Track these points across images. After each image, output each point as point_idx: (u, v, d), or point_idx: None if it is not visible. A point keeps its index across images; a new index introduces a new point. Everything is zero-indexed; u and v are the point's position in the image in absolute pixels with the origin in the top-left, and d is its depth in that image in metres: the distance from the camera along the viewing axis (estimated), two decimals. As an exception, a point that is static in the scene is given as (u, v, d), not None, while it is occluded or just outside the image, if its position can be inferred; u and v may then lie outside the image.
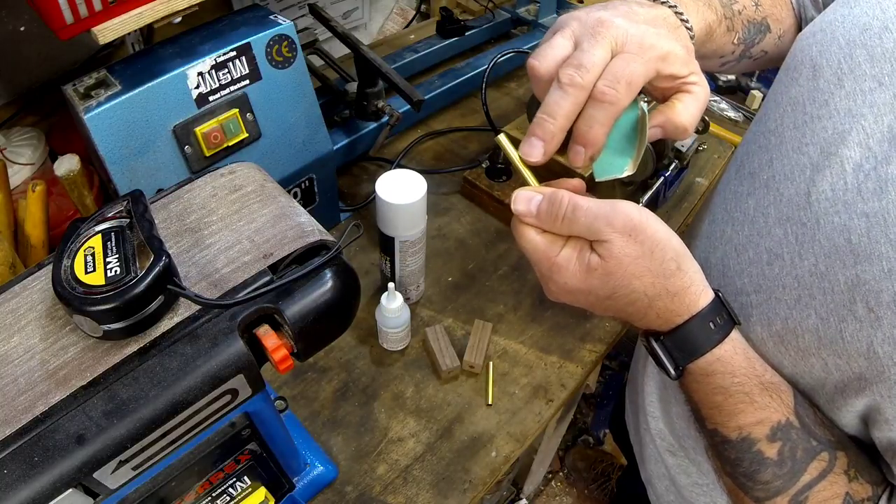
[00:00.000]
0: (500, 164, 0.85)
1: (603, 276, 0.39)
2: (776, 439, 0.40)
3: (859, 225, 0.38)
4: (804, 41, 0.47)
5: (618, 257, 0.39)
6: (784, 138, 0.45)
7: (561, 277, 0.41)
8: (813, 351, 0.40)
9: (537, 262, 0.42)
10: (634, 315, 0.42)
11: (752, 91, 1.13)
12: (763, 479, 0.41)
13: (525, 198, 0.41)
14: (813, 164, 0.42)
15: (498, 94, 1.09)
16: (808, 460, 0.40)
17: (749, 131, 0.53)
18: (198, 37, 0.60)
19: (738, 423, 0.41)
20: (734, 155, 0.55)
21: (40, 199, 0.62)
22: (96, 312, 0.31)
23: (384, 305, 0.65)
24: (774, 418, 0.41)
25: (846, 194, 0.39)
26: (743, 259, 0.47)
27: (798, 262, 0.42)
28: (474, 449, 0.63)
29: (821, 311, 0.39)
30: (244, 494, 0.45)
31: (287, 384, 0.67)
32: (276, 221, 0.39)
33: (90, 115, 0.52)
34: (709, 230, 0.52)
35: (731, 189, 0.51)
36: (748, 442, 0.41)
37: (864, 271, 0.37)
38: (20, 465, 0.29)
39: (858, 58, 0.41)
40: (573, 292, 0.42)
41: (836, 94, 0.42)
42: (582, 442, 1.63)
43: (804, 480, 0.40)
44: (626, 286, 0.40)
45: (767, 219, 0.45)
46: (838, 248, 0.39)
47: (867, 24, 0.42)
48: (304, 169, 0.72)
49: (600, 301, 0.41)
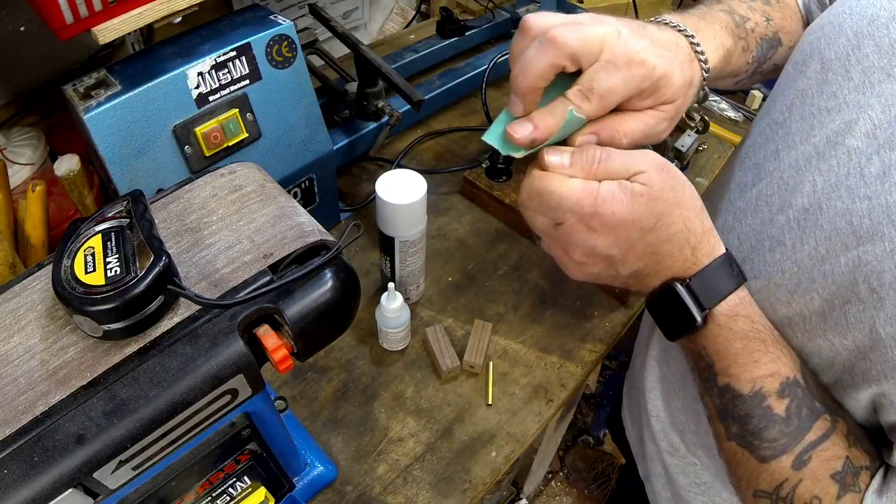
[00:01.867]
0: (500, 165, 0.85)
1: (649, 202, 0.38)
2: (784, 395, 0.41)
3: (861, 207, 0.38)
4: (812, 34, 0.47)
5: (659, 184, 0.39)
6: (791, 130, 0.46)
7: (608, 208, 0.38)
8: (819, 333, 0.41)
9: (577, 202, 0.39)
10: (669, 255, 0.40)
11: (752, 91, 1.13)
12: (770, 436, 0.41)
13: (556, 150, 0.41)
14: (819, 154, 0.42)
15: (498, 94, 1.08)
16: (813, 419, 0.40)
17: (754, 124, 0.53)
18: (198, 37, 0.60)
19: (752, 374, 0.41)
20: (738, 148, 0.55)
21: (40, 199, 0.62)
22: (96, 312, 0.31)
23: (384, 305, 0.65)
24: (784, 372, 0.41)
25: (849, 179, 0.39)
26: (745, 247, 0.47)
27: (799, 247, 0.42)
28: (474, 449, 0.63)
29: (823, 293, 0.40)
30: (244, 494, 0.45)
31: (287, 384, 0.67)
32: (276, 221, 0.39)
33: (90, 115, 0.52)
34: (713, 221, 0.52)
35: (735, 180, 0.51)
36: (759, 396, 0.41)
37: (867, 252, 0.37)
38: (20, 465, 0.29)
39: (866, 49, 0.42)
40: (617, 227, 0.39)
41: (845, 86, 0.42)
42: (582, 442, 1.63)
43: (809, 439, 0.40)
44: (669, 214, 0.39)
45: (771, 207, 0.45)
46: (839, 231, 0.39)
47: (875, 16, 0.42)
48: (304, 169, 0.72)
49: (642, 237, 0.39)
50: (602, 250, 0.40)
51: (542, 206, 0.41)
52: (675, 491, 0.66)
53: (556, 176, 0.40)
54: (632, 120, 0.41)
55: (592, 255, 0.41)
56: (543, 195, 0.40)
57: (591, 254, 0.41)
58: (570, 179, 0.39)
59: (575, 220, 0.40)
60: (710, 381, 0.44)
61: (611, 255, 0.41)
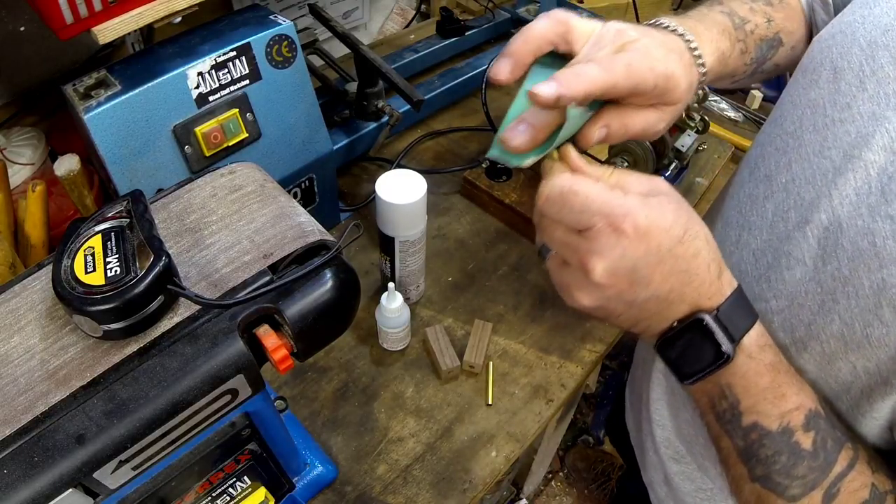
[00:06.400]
0: (500, 165, 0.85)
1: (677, 210, 0.36)
2: (810, 428, 0.39)
3: (884, 228, 0.37)
4: (823, 42, 0.46)
5: (677, 196, 0.37)
6: (803, 141, 0.45)
7: (641, 211, 0.35)
8: (840, 355, 0.40)
9: (607, 202, 0.35)
10: (696, 273, 0.37)
11: (751, 91, 1.13)
12: (799, 473, 0.39)
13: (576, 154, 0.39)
14: (835, 168, 0.41)
15: (498, 94, 1.08)
16: (838, 450, 0.39)
17: (763, 133, 0.52)
18: (198, 37, 0.60)
19: (780, 409, 0.39)
20: (746, 157, 0.54)
21: (40, 199, 0.62)
22: (96, 312, 0.31)
23: (384, 305, 0.65)
24: (807, 404, 0.40)
25: (870, 197, 0.38)
26: (761, 264, 0.46)
27: (821, 267, 0.41)
28: (474, 449, 0.63)
29: (845, 316, 0.39)
30: (244, 494, 0.45)
31: (287, 384, 0.67)
32: (276, 221, 0.39)
33: (90, 115, 0.52)
34: (722, 234, 0.52)
35: (746, 192, 0.50)
36: (788, 432, 0.39)
37: (891, 274, 0.36)
38: (20, 465, 0.29)
39: (881, 59, 0.41)
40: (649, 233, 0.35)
41: (859, 97, 0.41)
42: (582, 442, 1.63)
43: (836, 471, 0.39)
44: (692, 227, 0.37)
45: (787, 223, 0.44)
46: (862, 252, 0.38)
47: (889, 25, 0.41)
48: (304, 169, 0.72)
49: (672, 248, 0.36)
50: (628, 262, 0.36)
51: (566, 209, 0.37)
52: (678, 497, 0.65)
53: (582, 177, 0.37)
54: (636, 115, 0.41)
55: (615, 272, 0.36)
56: (568, 196, 0.36)
57: (615, 271, 0.36)
58: (597, 181, 0.37)
59: (604, 223, 0.35)
60: (734, 422, 0.41)
61: (636, 269, 0.36)
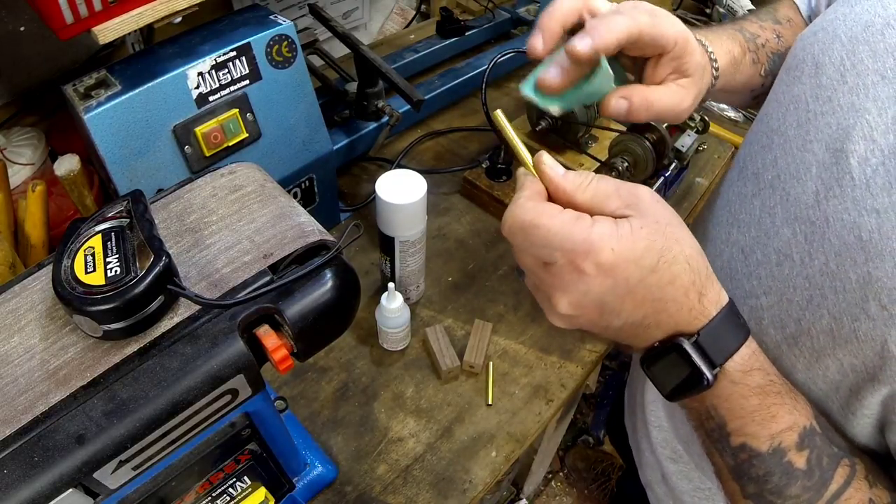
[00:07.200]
0: (500, 165, 0.85)
1: (650, 236, 0.34)
2: (804, 446, 0.38)
3: (869, 221, 0.37)
4: (805, 40, 0.47)
5: (655, 215, 0.34)
6: (788, 137, 0.45)
7: (606, 244, 0.33)
8: (828, 352, 0.40)
9: (568, 237, 0.34)
10: (672, 300, 0.35)
11: (752, 91, 1.13)
12: (792, 493, 0.38)
13: (550, 162, 0.36)
14: (819, 162, 0.42)
15: (498, 94, 1.08)
16: (834, 467, 0.38)
17: (751, 131, 0.52)
18: (198, 37, 0.60)
19: (770, 430, 0.38)
20: (736, 156, 0.54)
21: (40, 199, 0.62)
22: (96, 312, 0.31)
23: (384, 305, 0.65)
24: (801, 422, 0.38)
25: (854, 190, 0.39)
26: (751, 261, 0.46)
27: (808, 262, 0.41)
28: (474, 449, 0.63)
29: (833, 310, 0.39)
30: (244, 494, 0.45)
31: (287, 384, 0.67)
32: (276, 221, 0.39)
33: (90, 115, 0.52)
34: (713, 233, 0.52)
35: (735, 191, 0.50)
36: (780, 452, 0.38)
37: (876, 268, 0.36)
38: (20, 465, 0.29)
39: (861, 54, 0.41)
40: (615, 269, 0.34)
41: (839, 89, 0.42)
42: (582, 442, 1.63)
43: (832, 490, 0.38)
44: (670, 250, 0.34)
45: (774, 219, 0.45)
46: (849, 246, 0.38)
47: (869, 22, 0.42)
48: (304, 169, 0.72)
49: (643, 279, 0.34)
50: (594, 297, 0.35)
51: (527, 242, 0.35)
52: (676, 497, 0.65)
53: (545, 208, 0.35)
54: (659, 90, 0.44)
55: (581, 305, 0.35)
56: (528, 230, 0.34)
57: (580, 304, 0.35)
58: (561, 212, 0.34)
59: (565, 260, 0.34)
60: (722, 441, 0.40)
61: (604, 302, 0.35)
